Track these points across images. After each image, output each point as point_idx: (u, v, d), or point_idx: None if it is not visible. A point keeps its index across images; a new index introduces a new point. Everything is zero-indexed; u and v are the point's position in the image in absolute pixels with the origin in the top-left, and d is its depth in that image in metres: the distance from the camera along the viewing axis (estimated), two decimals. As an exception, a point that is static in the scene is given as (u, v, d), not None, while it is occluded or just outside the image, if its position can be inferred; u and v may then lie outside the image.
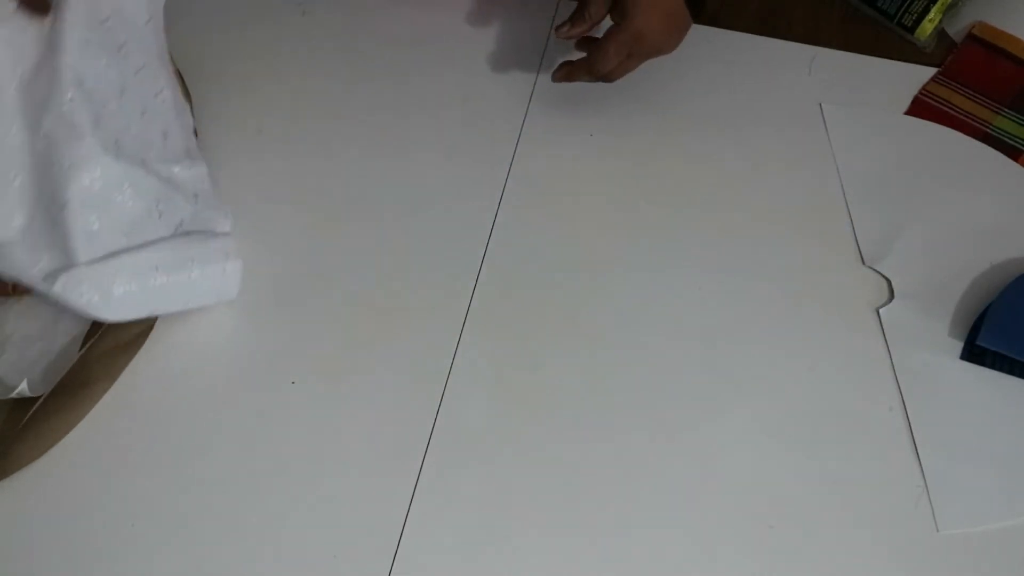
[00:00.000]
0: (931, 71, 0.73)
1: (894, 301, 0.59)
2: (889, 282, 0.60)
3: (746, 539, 0.50)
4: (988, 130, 0.69)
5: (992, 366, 0.55)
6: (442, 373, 0.55)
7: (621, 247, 0.62)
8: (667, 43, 0.57)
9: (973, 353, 0.56)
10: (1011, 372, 0.55)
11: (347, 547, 0.49)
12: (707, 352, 0.57)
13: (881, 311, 0.58)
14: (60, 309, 0.56)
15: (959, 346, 0.57)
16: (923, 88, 0.72)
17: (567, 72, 0.61)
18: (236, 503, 0.50)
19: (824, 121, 0.69)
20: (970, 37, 0.74)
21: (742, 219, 0.64)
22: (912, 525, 0.51)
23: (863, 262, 0.61)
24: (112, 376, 0.53)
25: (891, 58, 0.74)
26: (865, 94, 0.72)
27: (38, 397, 0.51)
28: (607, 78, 0.59)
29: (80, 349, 0.54)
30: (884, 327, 0.57)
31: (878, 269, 0.60)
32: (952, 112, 0.70)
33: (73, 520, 0.49)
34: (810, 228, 0.63)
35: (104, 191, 0.48)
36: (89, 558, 0.48)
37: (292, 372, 0.55)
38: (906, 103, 0.71)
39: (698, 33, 0.75)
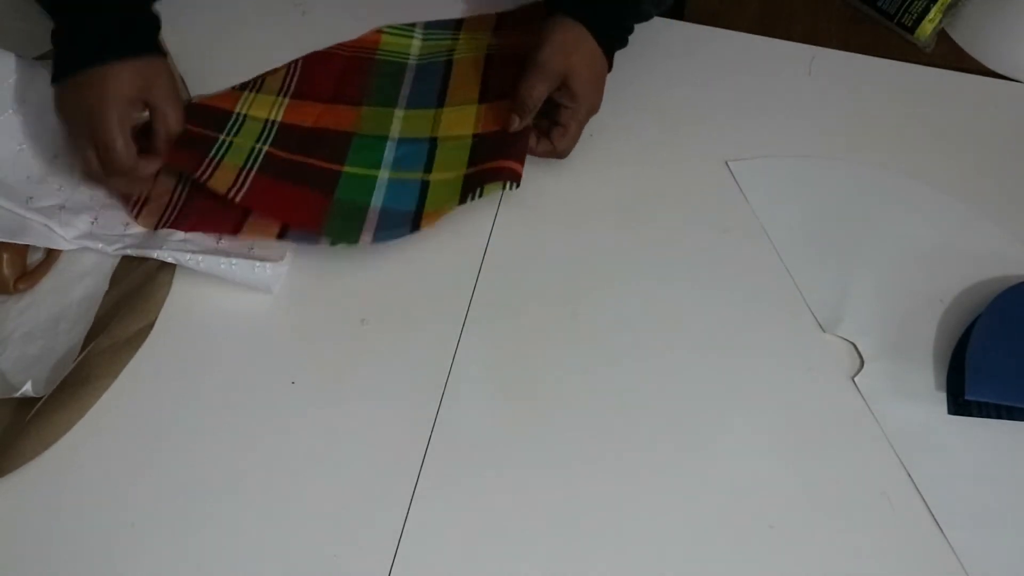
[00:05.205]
0: (930, 71, 0.74)
1: (865, 366, 0.56)
2: (855, 346, 0.57)
3: (746, 539, 0.50)
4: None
5: (979, 415, 0.54)
6: (442, 374, 0.55)
7: (622, 248, 0.62)
8: (600, 101, 0.63)
9: (959, 405, 0.55)
10: (999, 417, 0.54)
11: (347, 547, 0.49)
12: (708, 355, 0.57)
13: (856, 380, 0.56)
14: (62, 308, 0.57)
15: (942, 397, 0.55)
16: None
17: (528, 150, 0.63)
18: (236, 503, 0.50)
19: (735, 181, 0.66)
20: None
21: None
22: (912, 526, 0.51)
23: (822, 330, 0.58)
24: (113, 373, 0.54)
25: (891, 58, 0.75)
26: (865, 94, 0.72)
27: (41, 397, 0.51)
28: (565, 155, 0.64)
29: (82, 349, 0.54)
30: (864, 396, 0.55)
31: (839, 335, 0.58)
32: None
33: (73, 518, 0.49)
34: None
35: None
36: (89, 557, 0.48)
37: (292, 372, 0.55)
38: (906, 103, 0.71)
39: (699, 33, 0.75)
